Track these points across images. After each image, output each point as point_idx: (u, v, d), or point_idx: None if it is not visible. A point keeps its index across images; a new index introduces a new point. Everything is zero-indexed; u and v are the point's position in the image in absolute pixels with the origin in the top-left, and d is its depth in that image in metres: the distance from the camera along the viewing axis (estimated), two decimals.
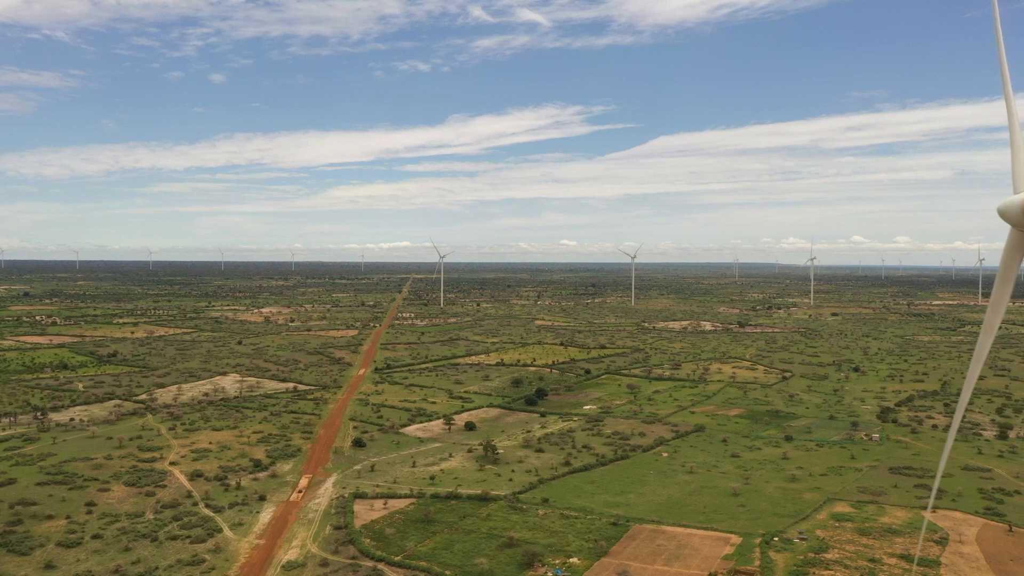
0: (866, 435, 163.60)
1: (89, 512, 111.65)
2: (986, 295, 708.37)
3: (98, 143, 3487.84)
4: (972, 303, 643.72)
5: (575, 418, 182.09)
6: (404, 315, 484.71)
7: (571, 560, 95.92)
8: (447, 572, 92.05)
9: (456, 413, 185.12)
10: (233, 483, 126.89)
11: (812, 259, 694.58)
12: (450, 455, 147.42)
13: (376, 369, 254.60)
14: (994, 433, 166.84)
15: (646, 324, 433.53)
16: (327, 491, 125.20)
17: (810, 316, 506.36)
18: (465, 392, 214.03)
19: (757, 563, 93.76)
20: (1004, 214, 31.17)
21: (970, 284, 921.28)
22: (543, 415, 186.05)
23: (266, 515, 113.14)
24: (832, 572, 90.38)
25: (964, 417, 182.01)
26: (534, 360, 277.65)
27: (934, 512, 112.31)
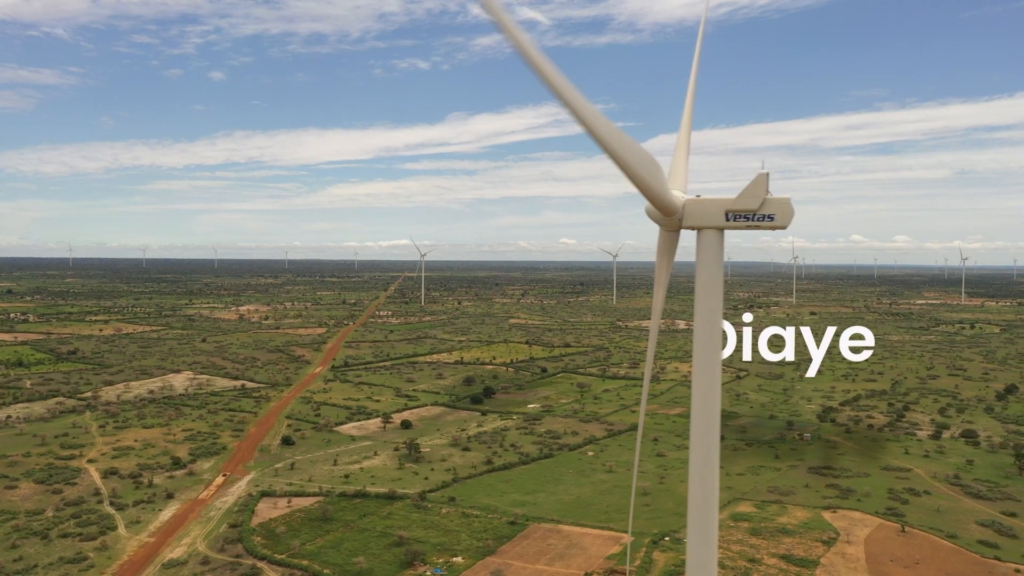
0: (798, 435, 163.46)
1: None
2: (969, 294, 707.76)
3: (97, 140, 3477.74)
4: (955, 302, 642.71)
5: (514, 417, 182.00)
6: (382, 313, 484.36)
7: (454, 559, 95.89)
8: (325, 571, 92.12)
9: (397, 411, 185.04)
10: (146, 481, 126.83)
11: (795, 258, 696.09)
12: (375, 453, 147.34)
13: (333, 367, 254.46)
14: (929, 433, 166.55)
15: (620, 323, 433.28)
16: (239, 489, 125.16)
17: (788, 315, 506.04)
18: (414, 390, 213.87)
19: (638, 562, 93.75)
20: (649, 214, 31.06)
21: (960, 283, 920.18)
22: (484, 414, 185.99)
23: (168, 513, 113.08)
24: None
25: (903, 417, 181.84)
26: (494, 358, 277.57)
27: (834, 512, 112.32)
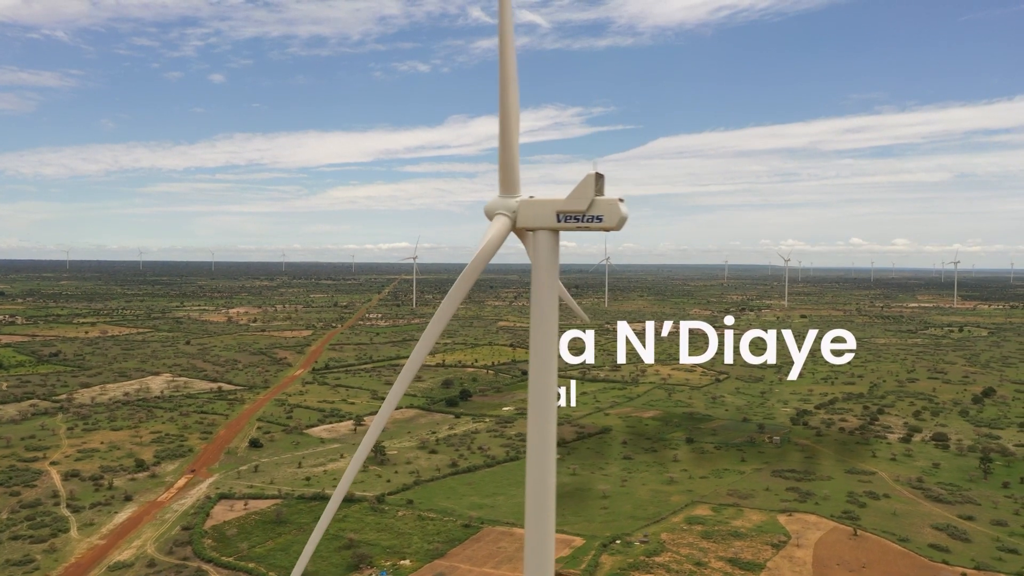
0: (768, 438, 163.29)
1: None
2: (964, 297, 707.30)
3: (97, 143, 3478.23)
4: (947, 305, 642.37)
5: (487, 419, 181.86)
6: (372, 316, 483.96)
7: (402, 562, 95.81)
8: (271, 574, 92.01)
9: (370, 414, 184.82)
10: (106, 483, 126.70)
11: (787, 261, 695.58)
12: (342, 456, 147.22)
13: (314, 370, 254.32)
14: (900, 436, 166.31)
15: (608, 326, 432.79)
16: (199, 492, 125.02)
17: (778, 318, 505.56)
18: None
19: (583, 566, 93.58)
20: (488, 214, 31.08)
21: (957, 286, 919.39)
22: (457, 416, 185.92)
23: (123, 516, 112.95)
24: (652, 575, 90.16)
25: (876, 420, 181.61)
26: (475, 361, 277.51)
27: (790, 516, 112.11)
